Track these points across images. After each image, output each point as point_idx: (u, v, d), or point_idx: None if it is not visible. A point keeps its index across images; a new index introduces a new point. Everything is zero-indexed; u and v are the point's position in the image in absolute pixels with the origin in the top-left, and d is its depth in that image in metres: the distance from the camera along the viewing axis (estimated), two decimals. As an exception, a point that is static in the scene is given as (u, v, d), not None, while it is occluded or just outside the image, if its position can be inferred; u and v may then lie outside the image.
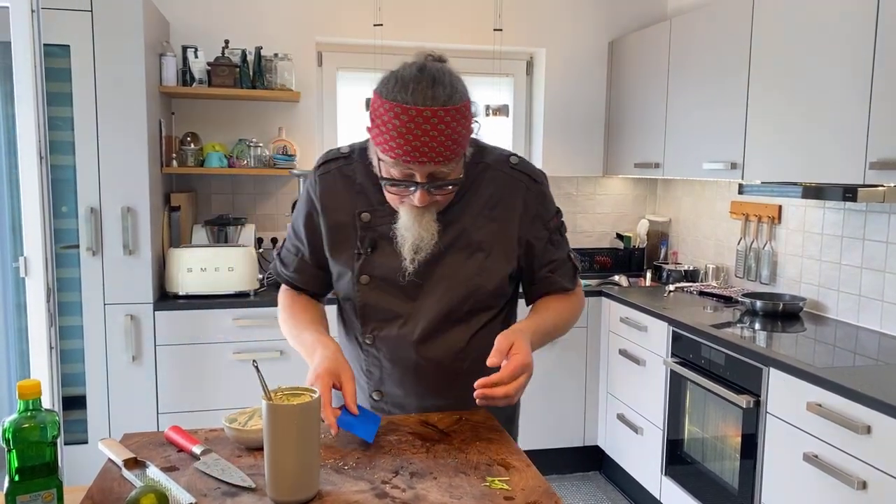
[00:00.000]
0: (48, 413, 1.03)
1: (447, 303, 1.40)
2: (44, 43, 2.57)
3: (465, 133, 1.29)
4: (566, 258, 1.51)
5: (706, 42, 3.09)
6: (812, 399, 2.10)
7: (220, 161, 3.38)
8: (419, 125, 1.21)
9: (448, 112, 1.23)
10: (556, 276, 1.49)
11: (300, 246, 1.49)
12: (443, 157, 1.25)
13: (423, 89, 1.23)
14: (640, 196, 4.14)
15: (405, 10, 3.72)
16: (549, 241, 1.47)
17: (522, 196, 1.43)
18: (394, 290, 1.41)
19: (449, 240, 1.39)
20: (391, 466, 1.18)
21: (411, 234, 1.34)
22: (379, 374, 1.46)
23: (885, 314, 2.64)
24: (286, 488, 1.04)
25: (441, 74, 1.27)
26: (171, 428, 1.27)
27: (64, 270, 2.96)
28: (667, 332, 2.90)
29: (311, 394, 1.11)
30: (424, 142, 1.22)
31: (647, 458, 3.10)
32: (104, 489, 1.09)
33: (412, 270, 1.38)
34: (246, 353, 3.10)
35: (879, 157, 2.21)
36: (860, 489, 1.92)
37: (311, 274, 1.50)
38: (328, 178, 1.44)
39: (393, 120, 1.23)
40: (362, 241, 1.41)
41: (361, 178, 1.42)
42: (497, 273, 1.43)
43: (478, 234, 1.41)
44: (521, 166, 1.46)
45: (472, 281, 1.41)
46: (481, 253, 1.41)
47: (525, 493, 1.09)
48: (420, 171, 1.27)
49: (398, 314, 1.41)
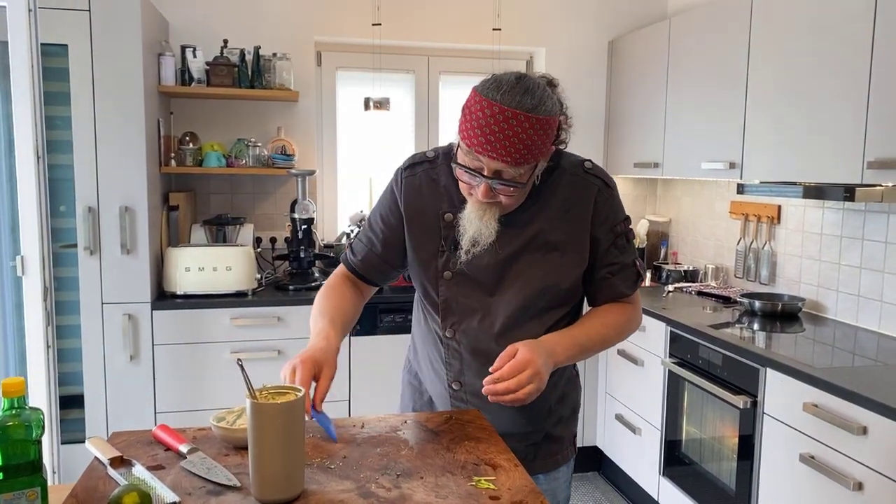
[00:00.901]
0: (33, 411, 1.03)
1: (524, 299, 1.46)
2: (41, 42, 2.57)
3: (542, 145, 1.34)
4: (630, 264, 1.53)
5: (705, 42, 3.08)
6: (808, 400, 2.09)
7: (219, 161, 3.38)
8: (498, 122, 1.29)
9: (529, 119, 1.30)
10: (615, 279, 1.52)
11: (374, 238, 1.57)
12: (511, 159, 1.31)
13: (513, 93, 1.31)
14: (639, 196, 4.13)
15: (404, 10, 3.71)
16: (613, 244, 1.51)
17: (594, 198, 1.49)
18: (473, 285, 1.48)
19: (526, 239, 1.46)
20: (378, 465, 1.17)
21: (472, 228, 1.42)
22: (459, 366, 1.52)
23: (883, 314, 2.62)
24: (270, 487, 1.04)
25: (535, 87, 1.34)
26: (158, 426, 1.27)
27: (62, 270, 2.97)
28: (665, 333, 2.89)
29: (296, 392, 1.10)
30: (499, 139, 1.29)
31: (646, 459, 3.09)
32: (88, 488, 1.09)
33: (464, 261, 1.45)
34: (244, 353, 3.10)
35: (877, 157, 2.20)
36: (856, 490, 1.91)
37: (375, 265, 1.59)
38: (414, 180, 1.53)
39: (478, 112, 1.31)
40: (446, 239, 1.49)
41: (445, 181, 1.51)
42: (571, 272, 1.49)
43: (553, 234, 1.47)
44: (595, 171, 1.52)
45: (548, 278, 1.47)
46: (556, 252, 1.47)
47: (511, 493, 1.09)
48: (488, 165, 1.33)
49: (477, 308, 1.48)
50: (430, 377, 1.61)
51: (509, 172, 1.34)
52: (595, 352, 1.50)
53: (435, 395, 1.60)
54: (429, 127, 3.95)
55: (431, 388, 1.61)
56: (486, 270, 1.47)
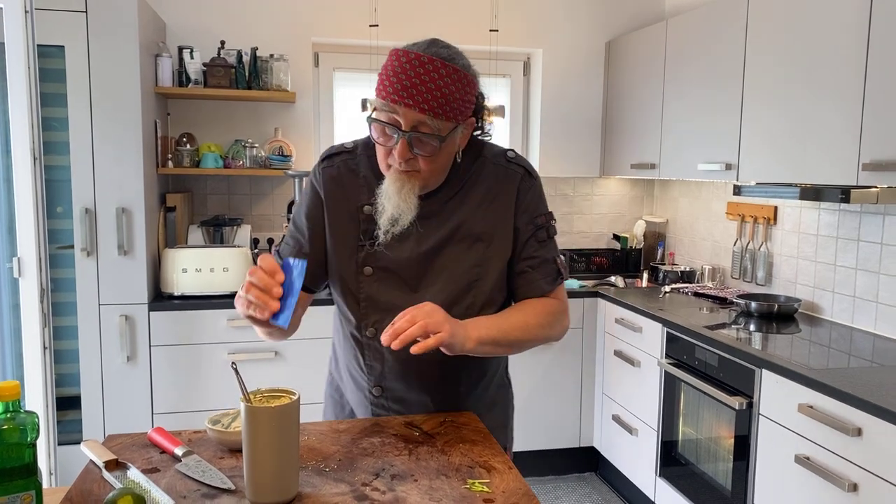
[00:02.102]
0: (28, 415, 1.03)
1: (449, 294, 1.41)
2: (38, 44, 2.57)
3: (460, 101, 1.30)
4: (550, 260, 1.48)
5: (702, 43, 3.08)
6: (804, 401, 2.10)
7: (216, 162, 3.38)
8: (414, 67, 1.26)
9: (445, 67, 1.27)
10: (534, 273, 1.46)
11: (300, 239, 1.48)
12: (428, 107, 1.26)
13: (429, 45, 1.30)
14: (636, 197, 4.13)
15: (401, 11, 3.72)
16: (534, 236, 1.46)
17: (517, 187, 1.45)
18: (395, 281, 1.42)
19: (448, 231, 1.41)
20: (373, 468, 1.18)
21: (391, 205, 1.35)
22: (380, 369, 1.45)
23: (879, 316, 2.63)
24: (265, 490, 1.04)
25: (451, 46, 1.33)
26: (154, 429, 1.27)
27: (59, 271, 2.97)
28: (661, 334, 2.90)
29: (291, 396, 1.11)
30: (415, 84, 1.26)
31: (642, 460, 3.09)
32: (83, 491, 1.09)
33: (383, 241, 1.39)
34: (241, 354, 3.10)
35: (872, 159, 2.21)
36: (851, 491, 1.92)
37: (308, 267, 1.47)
38: (332, 171, 1.47)
39: (392, 62, 1.28)
40: (364, 232, 1.43)
41: (365, 171, 1.45)
42: (497, 263, 1.44)
43: (477, 225, 1.43)
44: (518, 160, 1.49)
45: (473, 271, 1.42)
46: (481, 243, 1.43)
47: (505, 496, 1.09)
48: (405, 118, 1.28)
49: (399, 305, 1.40)
50: (350, 386, 1.53)
51: (427, 126, 1.28)
52: (517, 340, 1.38)
53: (355, 403, 1.53)
54: (426, 128, 3.95)
55: (351, 398, 1.54)
56: (409, 265, 1.41)
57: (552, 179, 3.98)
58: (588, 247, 4.09)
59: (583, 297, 3.48)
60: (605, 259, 4.01)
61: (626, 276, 3.78)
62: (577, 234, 4.08)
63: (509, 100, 4.05)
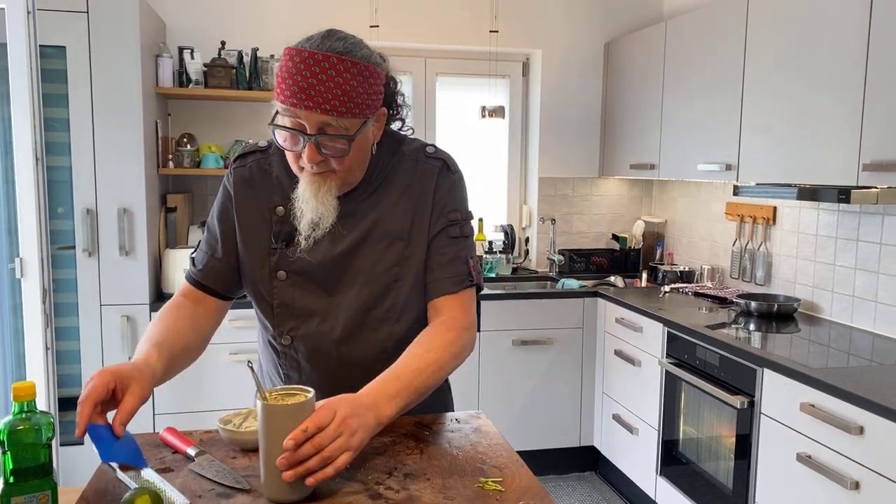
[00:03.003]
0: (43, 415, 1.03)
1: (367, 296, 1.35)
2: (40, 44, 2.57)
3: (365, 95, 1.23)
4: (461, 260, 1.39)
5: (701, 44, 3.10)
6: (805, 399, 2.11)
7: (217, 162, 3.38)
8: (309, 66, 1.18)
9: (343, 62, 1.20)
10: (441, 271, 1.38)
11: (213, 243, 1.41)
12: (330, 107, 1.19)
13: (321, 39, 1.22)
14: (635, 197, 4.15)
15: (401, 12, 3.72)
16: (444, 231, 1.38)
17: (435, 181, 1.39)
18: (310, 285, 1.36)
19: (365, 230, 1.35)
20: (385, 467, 1.18)
21: (309, 208, 1.29)
22: (297, 378, 1.40)
23: (878, 315, 2.65)
24: (281, 488, 1.05)
25: (348, 36, 1.25)
26: (165, 429, 1.27)
27: (60, 271, 2.96)
28: (662, 333, 2.91)
29: (306, 394, 1.11)
30: (312, 84, 1.18)
31: (643, 459, 3.11)
32: (99, 491, 1.09)
33: (305, 248, 1.32)
34: (242, 355, 3.11)
35: (873, 159, 2.22)
36: (853, 489, 1.93)
37: (219, 272, 1.40)
38: (244, 171, 1.40)
39: (287, 63, 1.20)
40: (276, 235, 1.36)
41: (278, 171, 1.38)
42: (416, 263, 1.37)
43: (394, 223, 1.36)
44: (438, 154, 1.42)
45: (392, 272, 1.36)
46: (400, 242, 1.36)
47: (517, 494, 1.10)
48: (309, 120, 1.21)
49: (315, 311, 1.35)
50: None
51: (333, 127, 1.21)
52: (433, 385, 1.26)
53: None
54: (426, 128, 3.96)
55: None
56: (324, 267, 1.34)
57: (551, 179, 4.00)
58: (587, 247, 4.11)
59: (583, 297, 3.50)
60: (605, 259, 4.03)
61: (625, 276, 3.80)
62: (577, 235, 4.10)
63: (509, 101, 4.06)
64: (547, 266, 4.06)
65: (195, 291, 1.41)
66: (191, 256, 1.46)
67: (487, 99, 3.94)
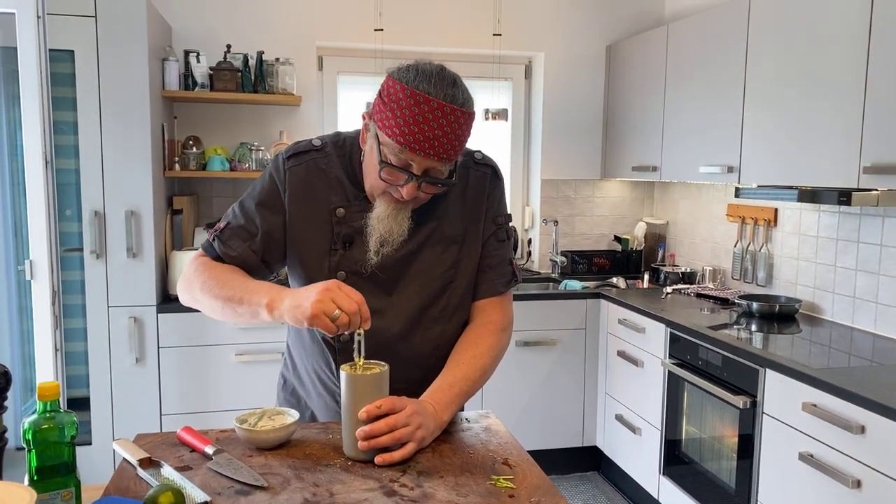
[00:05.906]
0: (66, 414, 1.06)
1: (424, 297, 1.41)
2: (49, 48, 2.60)
3: (466, 141, 1.32)
4: (507, 261, 1.49)
5: (703, 47, 3.13)
6: (807, 399, 2.14)
7: (222, 164, 3.41)
8: (437, 118, 1.23)
9: (464, 115, 1.27)
10: (492, 272, 1.47)
11: (253, 232, 1.40)
12: (446, 156, 1.27)
13: (445, 86, 1.26)
14: (637, 199, 4.18)
15: (405, 15, 3.75)
16: (494, 234, 1.48)
17: (487, 188, 1.47)
18: (370, 285, 1.38)
19: (424, 236, 1.41)
20: (399, 465, 1.21)
21: (382, 227, 1.34)
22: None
23: (879, 316, 2.67)
24: (356, 449, 1.21)
25: (459, 80, 1.31)
26: (183, 428, 1.30)
27: (68, 273, 2.99)
28: (664, 334, 2.94)
29: (381, 367, 1.24)
30: (437, 135, 1.24)
31: (646, 459, 3.13)
32: (121, 488, 1.12)
33: (375, 263, 1.37)
34: (248, 356, 3.13)
35: (873, 162, 2.25)
36: (855, 488, 1.96)
37: (252, 265, 1.41)
38: (300, 170, 1.40)
39: (412, 107, 1.23)
40: (337, 236, 1.39)
41: (337, 172, 1.40)
42: (469, 265, 1.45)
43: (451, 228, 1.43)
44: (486, 160, 1.49)
45: (448, 274, 1.42)
46: (455, 246, 1.43)
47: (528, 492, 1.13)
48: (419, 164, 1.27)
49: (375, 309, 1.36)
50: (313, 391, 1.50)
51: (438, 170, 1.28)
52: (479, 387, 1.41)
53: (317, 408, 1.51)
54: (429, 131, 3.98)
55: (314, 402, 1.51)
56: (384, 269, 1.38)
57: (554, 181, 4.03)
58: (589, 248, 4.14)
59: (585, 298, 3.52)
60: (607, 260, 4.05)
61: (627, 278, 3.83)
62: (579, 236, 4.12)
63: (511, 103, 4.08)
64: (549, 267, 4.09)
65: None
66: (215, 233, 1.43)
67: (490, 102, 3.97)
